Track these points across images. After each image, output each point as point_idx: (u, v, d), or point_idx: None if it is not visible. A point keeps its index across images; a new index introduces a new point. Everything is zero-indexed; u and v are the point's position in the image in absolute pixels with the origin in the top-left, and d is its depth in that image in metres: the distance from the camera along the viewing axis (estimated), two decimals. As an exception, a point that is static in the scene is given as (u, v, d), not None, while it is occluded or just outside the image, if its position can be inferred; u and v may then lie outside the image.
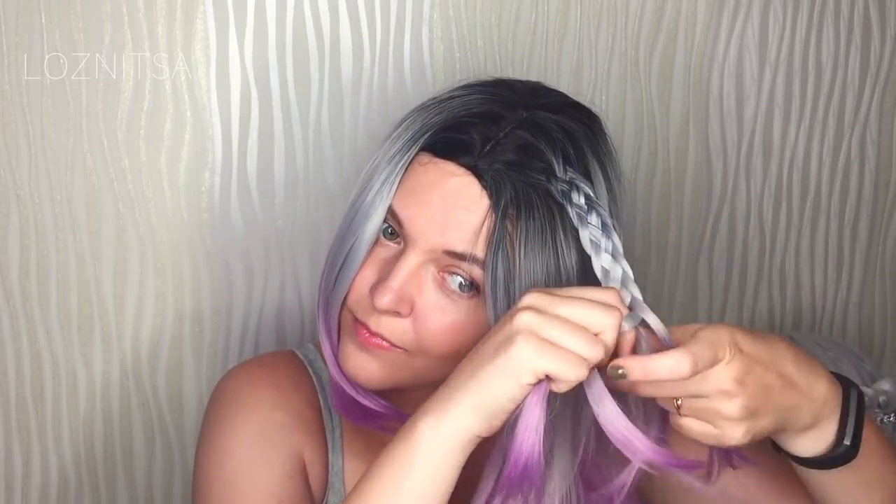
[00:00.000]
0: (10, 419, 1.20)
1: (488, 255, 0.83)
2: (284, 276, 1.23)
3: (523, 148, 0.85)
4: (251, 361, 1.03)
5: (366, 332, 0.88)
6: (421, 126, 0.88)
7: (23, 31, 1.10)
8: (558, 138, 0.86)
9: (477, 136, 0.85)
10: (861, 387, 1.18)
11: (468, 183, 0.85)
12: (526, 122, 0.87)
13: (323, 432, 0.99)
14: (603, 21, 1.26)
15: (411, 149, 0.87)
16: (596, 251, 0.83)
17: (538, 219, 0.83)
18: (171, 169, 1.17)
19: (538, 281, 0.83)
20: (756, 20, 1.32)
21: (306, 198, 1.21)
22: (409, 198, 0.86)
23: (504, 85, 0.91)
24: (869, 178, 1.42)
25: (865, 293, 1.47)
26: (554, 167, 0.85)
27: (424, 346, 0.87)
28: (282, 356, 1.03)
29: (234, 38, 1.15)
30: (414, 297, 0.86)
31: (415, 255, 0.86)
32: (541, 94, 0.91)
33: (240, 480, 0.93)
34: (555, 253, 0.84)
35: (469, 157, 0.85)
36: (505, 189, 0.84)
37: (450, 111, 0.88)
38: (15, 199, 1.14)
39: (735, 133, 1.35)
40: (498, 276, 0.83)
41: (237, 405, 0.96)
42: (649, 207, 1.34)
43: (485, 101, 0.88)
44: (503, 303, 0.83)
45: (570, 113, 0.90)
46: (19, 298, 1.17)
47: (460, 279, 0.86)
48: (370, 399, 0.93)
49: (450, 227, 0.85)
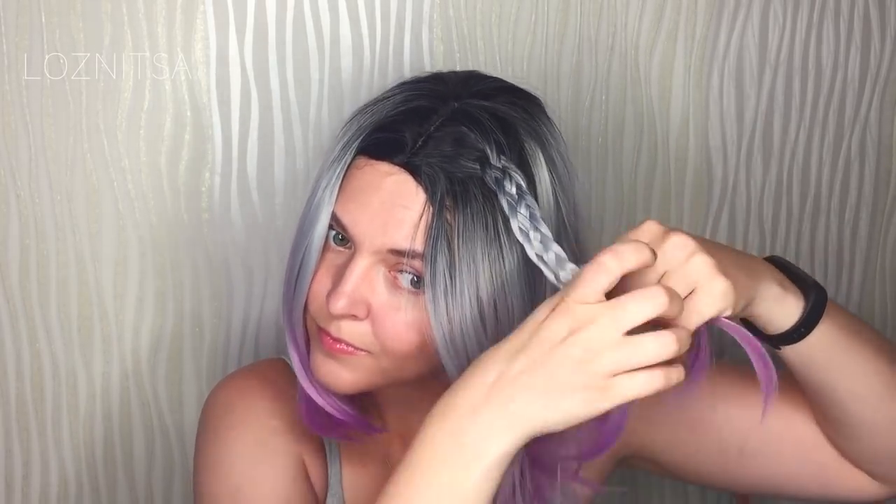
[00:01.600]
0: (10, 419, 1.20)
1: (427, 247, 0.84)
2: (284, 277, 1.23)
3: (456, 140, 0.86)
4: (241, 371, 1.03)
5: (329, 339, 0.89)
6: (356, 130, 0.89)
7: (23, 31, 1.10)
8: (490, 126, 0.86)
9: (408, 134, 0.86)
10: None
11: (403, 180, 0.85)
12: (457, 113, 0.87)
13: (320, 438, 0.99)
14: (603, 21, 1.26)
15: (347, 153, 0.89)
16: (526, 239, 0.83)
17: (476, 207, 0.84)
18: (171, 169, 1.17)
19: (481, 269, 0.84)
20: (756, 20, 1.32)
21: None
22: (350, 202, 0.87)
23: (436, 79, 0.92)
24: (869, 178, 1.42)
25: (865, 293, 1.47)
26: (488, 155, 0.85)
27: (386, 347, 0.88)
28: (272, 364, 1.04)
29: (234, 38, 1.15)
30: (368, 299, 0.87)
31: (363, 257, 0.87)
32: (473, 82, 0.91)
33: (245, 489, 0.93)
34: (497, 240, 0.84)
35: (402, 155, 0.86)
36: (440, 182, 0.84)
37: (381, 111, 0.89)
38: (15, 199, 1.14)
39: (735, 133, 1.35)
40: (437, 267, 0.83)
41: (232, 416, 0.96)
42: (649, 207, 1.34)
43: (415, 97, 0.89)
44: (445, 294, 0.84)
45: (503, 98, 0.90)
46: (19, 298, 1.17)
47: (411, 276, 0.86)
48: (336, 408, 0.94)
49: (390, 225, 0.85)
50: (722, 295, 0.78)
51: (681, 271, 0.79)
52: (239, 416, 0.96)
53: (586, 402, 0.74)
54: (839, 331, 0.90)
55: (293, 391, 0.99)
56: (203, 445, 0.97)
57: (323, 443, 0.99)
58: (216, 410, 0.98)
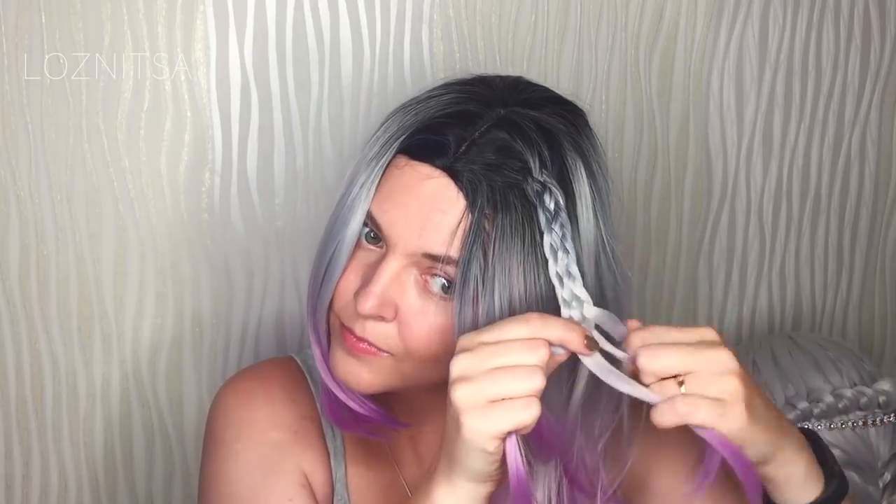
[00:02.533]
0: (10, 419, 1.20)
1: (462, 254, 0.83)
2: (284, 276, 1.23)
3: (500, 148, 0.84)
4: (243, 374, 1.02)
5: (352, 338, 0.88)
6: (398, 128, 0.88)
7: (23, 31, 1.10)
8: (535, 138, 0.85)
9: (452, 138, 0.85)
10: (861, 387, 1.18)
11: (444, 185, 0.84)
12: (503, 121, 0.86)
13: (323, 441, 0.99)
14: (603, 21, 1.26)
15: (387, 152, 0.87)
16: (553, 257, 0.82)
17: (515, 218, 0.83)
18: (171, 169, 1.17)
19: (515, 280, 0.83)
20: (756, 20, 1.32)
21: (306, 198, 1.21)
22: (387, 201, 0.86)
23: (483, 82, 0.90)
24: (869, 178, 1.42)
25: (865, 293, 1.47)
26: (530, 167, 0.84)
27: (410, 350, 0.87)
28: (277, 364, 1.03)
29: (234, 39, 1.15)
30: (397, 301, 0.86)
31: (395, 259, 0.85)
32: (520, 89, 0.90)
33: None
34: (533, 252, 0.83)
35: (444, 158, 0.84)
36: (481, 189, 0.83)
37: (426, 112, 0.87)
38: (15, 199, 1.14)
39: (735, 133, 1.35)
40: (469, 274, 0.82)
41: (233, 430, 0.96)
42: (649, 207, 1.34)
43: (461, 101, 0.87)
44: (479, 301, 0.83)
45: (550, 109, 0.88)
46: (19, 298, 1.17)
47: (443, 281, 0.85)
48: (360, 403, 0.93)
49: (427, 229, 0.84)
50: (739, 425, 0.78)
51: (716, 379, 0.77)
52: (240, 429, 0.96)
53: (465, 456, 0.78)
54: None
55: (299, 390, 0.99)
56: (208, 457, 0.98)
57: (327, 446, 0.99)
58: (219, 420, 0.98)
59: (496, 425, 0.76)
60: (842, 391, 1.18)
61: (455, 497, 0.80)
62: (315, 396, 1.00)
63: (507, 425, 0.76)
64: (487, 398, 0.76)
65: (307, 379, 1.01)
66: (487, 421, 0.76)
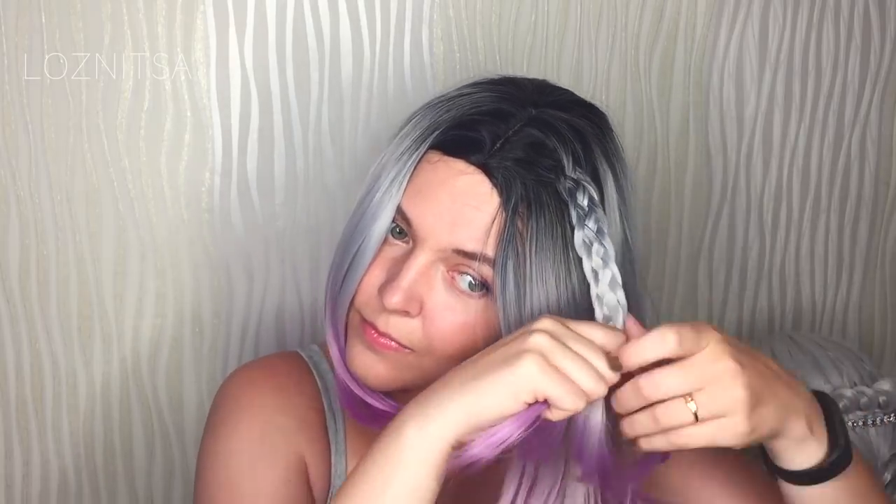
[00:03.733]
0: (10, 419, 1.20)
1: (498, 253, 0.83)
2: (284, 277, 1.23)
3: (533, 146, 0.85)
4: (253, 364, 1.02)
5: (374, 332, 0.87)
6: (430, 124, 0.87)
7: (23, 31, 1.10)
8: (568, 137, 0.85)
9: (486, 134, 0.85)
10: (861, 387, 1.18)
11: (478, 181, 0.84)
12: (535, 120, 0.86)
13: (326, 434, 0.99)
14: (603, 21, 1.26)
15: (420, 147, 0.87)
16: (587, 254, 0.82)
17: (549, 216, 0.83)
18: (171, 169, 1.17)
19: (549, 280, 0.83)
20: (756, 20, 1.32)
21: (306, 198, 1.21)
22: (418, 196, 0.86)
23: (511, 83, 0.91)
24: (869, 178, 1.42)
25: (865, 293, 1.47)
26: (564, 165, 0.84)
27: (433, 346, 0.86)
28: (285, 357, 1.03)
29: (234, 39, 1.15)
30: (423, 297, 0.86)
31: (424, 254, 0.85)
32: (548, 91, 0.91)
33: (242, 483, 0.92)
34: (565, 252, 0.83)
35: (479, 154, 0.84)
36: (515, 187, 0.83)
37: (459, 109, 0.87)
38: (15, 199, 1.14)
39: (735, 133, 1.35)
40: (508, 275, 0.82)
41: (239, 410, 0.96)
42: (649, 207, 1.34)
43: (494, 99, 0.87)
44: (514, 302, 0.83)
45: (578, 111, 0.89)
46: (19, 298, 1.17)
47: (470, 278, 0.85)
48: (377, 399, 0.92)
49: (459, 225, 0.84)
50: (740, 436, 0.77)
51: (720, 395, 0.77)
52: (245, 410, 0.95)
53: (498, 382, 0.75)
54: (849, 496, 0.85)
55: (306, 382, 0.99)
56: (208, 435, 0.97)
57: (329, 440, 0.99)
58: (224, 402, 0.97)
59: (546, 385, 0.75)
60: (842, 391, 1.18)
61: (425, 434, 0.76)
62: (321, 391, 1.00)
63: (554, 392, 0.75)
64: (557, 364, 0.75)
65: (313, 373, 1.01)
66: (544, 375, 0.75)
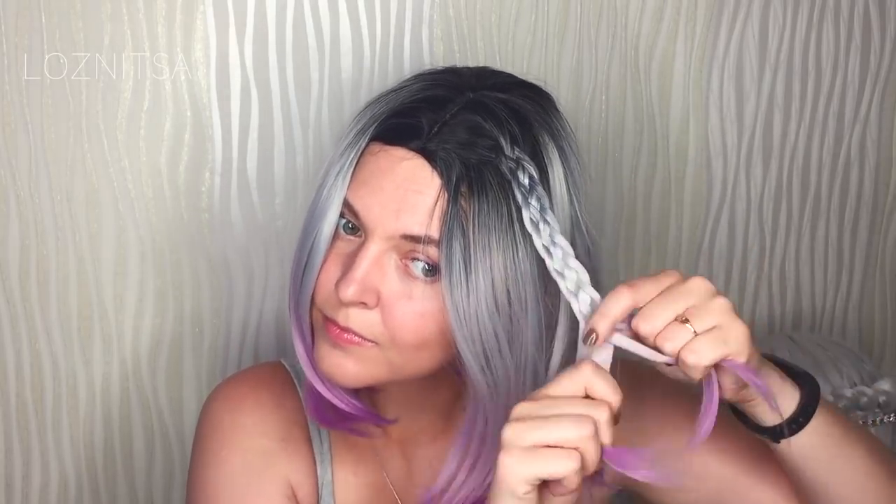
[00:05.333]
0: (10, 419, 1.20)
1: (443, 233, 0.84)
2: (284, 277, 1.23)
3: (471, 128, 0.86)
4: (232, 381, 1.02)
5: (336, 329, 0.88)
6: (370, 117, 0.89)
7: (23, 31, 1.10)
8: (504, 117, 0.86)
9: (424, 120, 0.86)
10: (861, 387, 1.18)
11: (419, 165, 0.85)
12: (472, 103, 0.87)
13: (310, 446, 0.99)
14: (603, 21, 1.26)
15: (360, 139, 0.88)
16: (535, 231, 0.83)
17: (492, 195, 0.84)
18: (171, 169, 1.17)
19: (496, 257, 0.84)
20: (756, 20, 1.32)
21: (306, 198, 1.21)
22: (363, 188, 0.87)
23: (451, 71, 0.93)
24: (869, 178, 1.42)
25: (865, 293, 1.47)
26: (502, 145, 0.85)
27: (395, 336, 0.87)
28: (266, 370, 1.03)
29: (234, 38, 1.15)
30: (378, 287, 0.86)
31: (374, 244, 0.86)
32: (487, 76, 0.92)
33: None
34: (511, 228, 0.84)
35: (418, 140, 0.86)
36: (455, 167, 0.84)
37: (396, 100, 0.89)
38: (15, 199, 1.14)
39: (735, 133, 1.35)
40: (454, 254, 0.83)
41: (220, 437, 0.97)
42: (649, 207, 1.34)
43: (430, 87, 0.89)
44: (461, 279, 0.84)
45: (518, 91, 0.90)
46: (19, 298, 1.17)
47: (423, 264, 0.86)
48: (344, 400, 0.93)
49: (404, 211, 0.85)
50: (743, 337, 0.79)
51: (703, 307, 0.79)
52: (227, 436, 0.96)
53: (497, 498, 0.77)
54: (833, 424, 0.88)
55: (287, 395, 1.00)
56: (195, 463, 0.98)
57: (313, 452, 0.99)
58: (206, 426, 0.99)
59: (530, 470, 0.76)
60: (842, 391, 1.18)
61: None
62: (303, 401, 1.00)
63: (541, 471, 0.76)
64: (532, 442, 0.76)
65: (295, 383, 1.01)
66: (521, 463, 0.76)
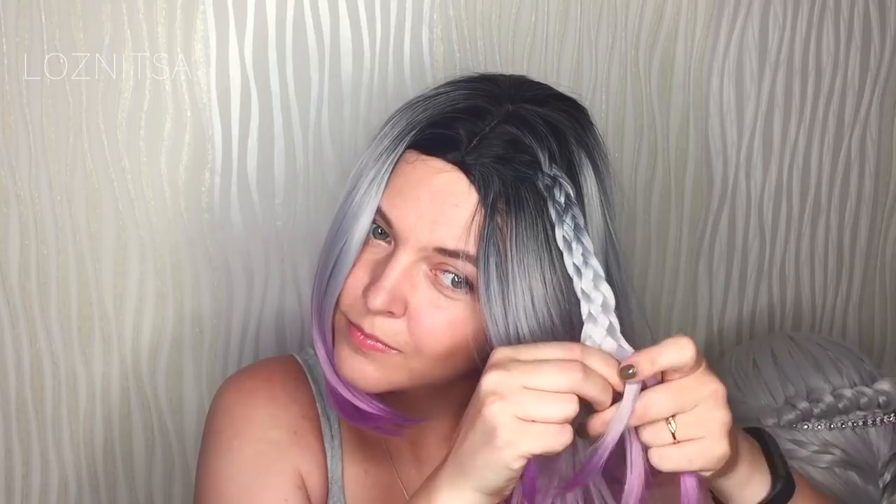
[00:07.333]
0: (10, 419, 1.20)
1: (480, 250, 0.83)
2: (284, 277, 1.23)
3: (510, 142, 0.85)
4: (246, 372, 1.02)
5: (360, 335, 0.87)
6: (406, 124, 0.88)
7: (23, 31, 1.10)
8: (543, 132, 0.86)
9: (463, 132, 0.85)
10: (861, 387, 1.18)
11: (456, 178, 0.84)
12: (511, 116, 0.86)
13: (321, 441, 0.99)
14: (603, 21, 1.26)
15: (397, 147, 0.87)
16: (568, 250, 0.83)
17: (528, 211, 0.83)
18: (171, 169, 1.17)
19: (533, 275, 0.83)
20: (756, 20, 1.32)
21: (306, 198, 1.21)
22: (397, 196, 0.86)
23: (488, 80, 0.91)
24: (869, 178, 1.42)
25: (865, 293, 1.47)
26: (540, 161, 0.84)
27: (420, 346, 0.86)
28: (279, 363, 1.03)
29: (234, 38, 1.15)
30: (407, 297, 0.86)
31: (406, 253, 0.85)
32: (525, 87, 0.91)
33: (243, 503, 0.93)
34: (547, 245, 0.83)
35: (456, 152, 0.84)
36: (493, 183, 0.83)
37: (435, 108, 0.88)
38: (15, 199, 1.14)
39: (735, 133, 1.35)
40: (491, 271, 0.82)
41: (232, 427, 0.96)
42: (649, 207, 1.34)
43: (469, 97, 0.88)
44: (498, 299, 0.83)
45: (555, 105, 0.89)
46: (19, 298, 1.17)
47: (453, 276, 0.85)
48: (366, 402, 0.92)
49: (439, 223, 0.84)
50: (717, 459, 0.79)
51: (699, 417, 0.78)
52: (239, 426, 0.96)
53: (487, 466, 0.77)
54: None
55: (300, 390, 0.99)
56: (205, 453, 0.98)
57: (325, 447, 0.99)
58: (218, 416, 0.98)
59: (527, 446, 0.76)
60: (842, 391, 1.18)
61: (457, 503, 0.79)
62: (315, 396, 1.00)
63: (539, 447, 0.76)
64: (522, 416, 0.76)
65: (308, 378, 1.01)
66: (523, 439, 0.76)
